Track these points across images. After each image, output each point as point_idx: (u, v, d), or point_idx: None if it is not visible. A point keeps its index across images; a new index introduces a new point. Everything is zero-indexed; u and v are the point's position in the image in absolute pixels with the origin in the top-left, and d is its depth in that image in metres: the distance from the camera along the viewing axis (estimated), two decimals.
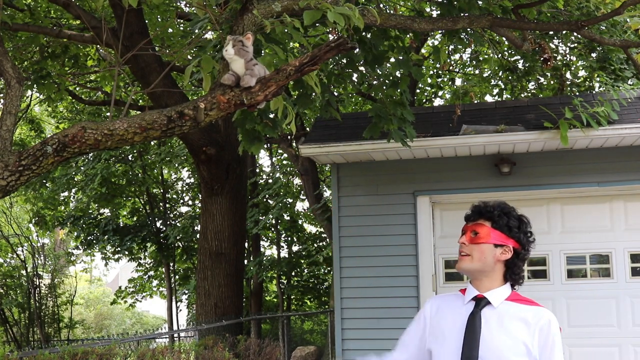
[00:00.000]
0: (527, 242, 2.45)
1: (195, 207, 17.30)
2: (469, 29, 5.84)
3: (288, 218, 16.19)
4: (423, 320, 2.44)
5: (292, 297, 17.26)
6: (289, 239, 16.95)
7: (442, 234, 7.08)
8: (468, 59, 13.19)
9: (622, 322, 6.68)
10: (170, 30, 9.75)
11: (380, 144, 6.66)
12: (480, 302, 2.33)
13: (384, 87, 5.58)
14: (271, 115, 5.18)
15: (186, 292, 17.91)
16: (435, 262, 7.01)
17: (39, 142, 3.30)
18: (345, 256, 7.07)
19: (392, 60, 5.69)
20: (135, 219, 17.52)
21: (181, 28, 10.33)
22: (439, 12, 5.94)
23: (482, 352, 2.25)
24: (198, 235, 12.29)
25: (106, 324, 24.49)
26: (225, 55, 3.13)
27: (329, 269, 15.19)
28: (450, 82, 14.44)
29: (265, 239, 17.77)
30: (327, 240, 14.52)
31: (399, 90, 5.50)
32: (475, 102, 9.94)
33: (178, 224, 16.89)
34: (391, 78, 5.65)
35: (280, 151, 15.63)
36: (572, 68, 10.90)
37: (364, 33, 5.21)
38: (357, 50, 5.26)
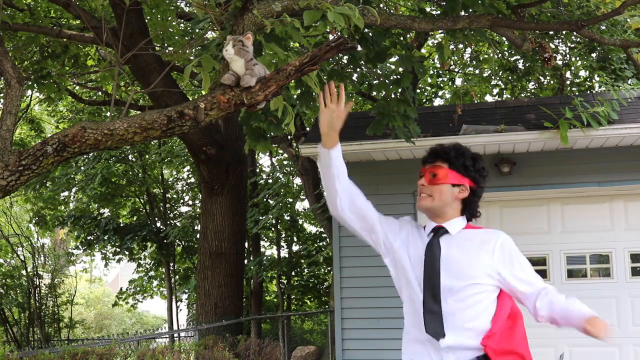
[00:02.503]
0: (482, 179, 2.55)
1: (195, 207, 17.30)
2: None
3: (288, 218, 16.19)
4: (403, 229, 2.61)
5: (292, 297, 17.26)
6: (289, 238, 16.95)
7: None
8: (468, 59, 13.18)
9: (622, 322, 6.68)
10: (170, 30, 9.74)
11: (381, 143, 6.66)
12: (438, 230, 2.49)
13: (387, 83, 5.57)
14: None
15: (186, 292, 17.91)
16: None
17: (39, 142, 3.30)
18: (345, 256, 7.07)
19: (395, 57, 5.68)
20: (135, 218, 17.52)
21: (181, 28, 10.33)
22: (439, 11, 5.95)
23: (444, 275, 2.40)
24: (198, 235, 12.29)
25: (106, 324, 24.48)
26: (226, 55, 3.13)
27: (329, 269, 15.18)
28: (450, 82, 14.44)
29: (265, 239, 17.77)
30: (327, 240, 14.51)
31: (400, 89, 5.50)
32: (476, 102, 9.94)
33: (178, 223, 16.89)
34: (394, 75, 5.65)
35: (280, 151, 15.63)
36: (572, 68, 10.90)
37: (366, 30, 5.21)
38: (359, 48, 5.25)
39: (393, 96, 5.54)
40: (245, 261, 13.29)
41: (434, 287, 2.41)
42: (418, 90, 14.00)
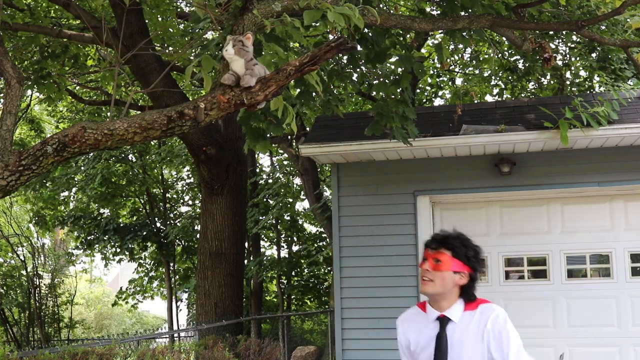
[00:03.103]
0: (480, 268, 2.75)
1: (195, 207, 17.30)
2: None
3: (288, 218, 16.19)
4: (404, 348, 2.82)
5: (292, 297, 17.26)
6: (289, 238, 16.95)
7: None
8: (468, 59, 13.19)
9: (622, 322, 6.68)
10: (170, 30, 9.75)
11: (381, 143, 6.66)
12: (444, 321, 2.68)
13: (387, 84, 5.57)
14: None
15: (186, 292, 17.91)
16: None
17: (39, 142, 3.30)
18: (345, 256, 7.07)
19: (395, 57, 5.68)
20: (135, 218, 17.51)
21: (181, 28, 10.33)
22: (439, 11, 5.94)
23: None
24: (198, 235, 12.29)
25: (106, 324, 24.49)
26: (226, 55, 3.12)
27: (329, 268, 15.18)
28: (450, 82, 14.45)
29: (265, 239, 17.77)
30: (327, 240, 14.52)
31: (400, 89, 5.49)
32: (476, 102, 9.95)
33: (178, 223, 16.89)
34: (393, 76, 5.64)
35: (280, 151, 15.62)
36: (572, 68, 10.90)
37: (365, 30, 5.21)
38: (359, 48, 5.25)
39: (392, 97, 5.54)
40: (245, 261, 13.29)
41: None
42: (418, 90, 14.01)
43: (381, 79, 5.72)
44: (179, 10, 11.05)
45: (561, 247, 6.91)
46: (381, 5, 6.10)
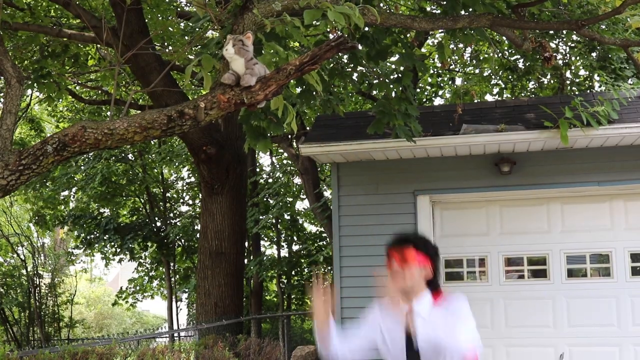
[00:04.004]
0: (438, 261, 2.94)
1: (195, 207, 17.30)
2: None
3: (288, 217, 16.19)
4: (376, 323, 2.96)
5: (292, 296, 17.26)
6: (289, 238, 16.95)
7: (442, 234, 7.08)
8: (468, 59, 13.19)
9: (622, 321, 6.68)
10: (170, 29, 9.74)
11: (381, 143, 6.66)
12: (412, 315, 2.84)
13: (388, 82, 5.56)
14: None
15: (186, 291, 17.91)
16: None
17: (39, 141, 3.29)
18: (345, 256, 7.07)
19: (396, 55, 5.67)
20: (135, 218, 17.52)
21: (181, 27, 10.33)
22: (439, 10, 5.93)
23: (421, 345, 2.79)
24: (198, 235, 12.29)
25: (106, 324, 24.49)
26: (226, 55, 3.12)
27: (329, 268, 15.18)
28: (450, 82, 14.44)
29: (266, 239, 17.77)
30: (327, 239, 14.51)
31: (401, 87, 5.49)
32: (476, 101, 9.94)
33: (178, 223, 16.89)
34: (395, 74, 5.64)
35: (280, 150, 15.62)
36: (572, 67, 10.90)
37: (366, 29, 5.21)
38: (360, 46, 5.25)
39: (394, 94, 5.54)
40: (246, 261, 13.30)
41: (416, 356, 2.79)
42: (418, 90, 14.00)
43: (381, 79, 5.71)
44: (179, 9, 11.05)
45: (561, 246, 6.90)
46: (381, 5, 6.09)
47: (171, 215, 17.67)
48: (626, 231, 6.80)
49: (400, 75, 5.55)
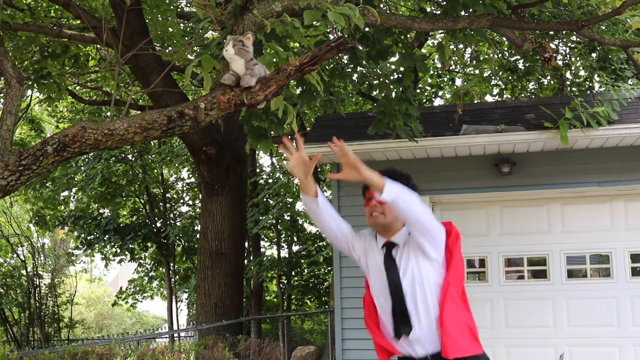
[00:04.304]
0: (416, 193, 2.98)
1: (195, 207, 17.30)
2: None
3: (288, 218, 16.18)
4: (361, 242, 3.15)
5: (292, 297, 17.25)
6: (289, 238, 16.94)
7: None
8: (468, 59, 13.19)
9: (622, 322, 6.68)
10: (170, 29, 9.74)
11: (381, 143, 6.66)
12: (390, 246, 3.03)
13: (388, 82, 5.56)
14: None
15: (186, 292, 17.90)
16: None
17: (39, 141, 3.29)
18: (345, 256, 7.06)
19: (397, 55, 5.67)
20: (135, 218, 17.51)
21: (181, 28, 10.33)
22: (439, 11, 5.93)
23: (404, 282, 2.94)
24: (198, 235, 12.28)
25: (106, 324, 24.48)
26: (226, 55, 3.13)
27: (329, 269, 15.19)
28: (450, 82, 14.44)
29: (266, 239, 17.76)
30: (327, 240, 14.50)
31: (402, 87, 5.49)
32: (476, 101, 9.94)
33: (178, 223, 16.89)
34: (395, 74, 5.64)
35: (280, 151, 15.61)
36: (572, 68, 10.90)
37: (366, 29, 5.21)
38: (360, 46, 5.25)
39: (394, 95, 5.54)
40: (245, 261, 13.29)
41: (399, 292, 2.93)
42: (418, 90, 14.00)
43: (382, 79, 5.71)
44: (179, 10, 11.05)
45: (561, 247, 6.91)
46: (381, 5, 6.09)
47: (171, 215, 17.66)
48: (626, 232, 6.81)
49: (400, 75, 5.55)
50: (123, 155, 16.03)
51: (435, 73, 14.08)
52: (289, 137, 13.12)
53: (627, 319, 6.67)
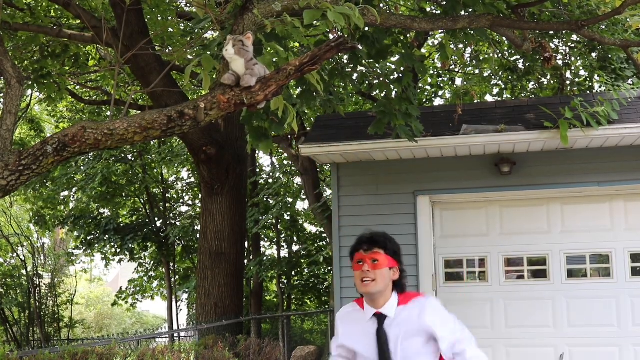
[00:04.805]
0: (402, 261, 2.94)
1: (195, 207, 17.30)
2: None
3: (288, 218, 16.19)
4: (339, 342, 2.96)
5: (292, 296, 17.26)
6: (289, 238, 16.95)
7: (442, 234, 7.08)
8: (468, 59, 13.18)
9: (622, 322, 6.68)
10: (170, 29, 9.74)
11: (381, 143, 6.66)
12: (381, 318, 2.84)
13: (388, 82, 5.56)
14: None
15: (186, 291, 17.91)
16: (436, 262, 7.01)
17: (39, 141, 3.29)
18: (345, 256, 7.04)
19: (396, 56, 5.68)
20: (135, 218, 17.52)
21: (181, 28, 10.33)
22: (439, 11, 5.93)
23: (394, 358, 2.78)
24: (198, 235, 12.29)
25: (106, 324, 24.49)
26: (226, 55, 3.13)
27: (329, 269, 15.19)
28: (450, 82, 14.44)
29: (266, 239, 17.77)
30: (327, 240, 14.51)
31: (402, 87, 5.49)
32: (476, 101, 9.95)
33: (178, 223, 16.89)
34: (395, 74, 5.64)
35: (280, 151, 15.62)
36: (572, 68, 10.90)
37: (366, 29, 5.21)
38: (360, 46, 5.25)
39: (394, 94, 5.54)
40: (246, 261, 13.29)
41: None
42: (418, 90, 14.00)
43: (382, 79, 5.71)
44: (179, 10, 11.05)
45: (561, 247, 6.90)
46: (381, 5, 6.09)
47: (171, 215, 17.67)
48: (626, 231, 6.81)
49: (400, 75, 5.55)
50: (123, 155, 16.03)
51: (435, 73, 14.08)
52: (289, 137, 13.07)
53: (627, 319, 6.67)
